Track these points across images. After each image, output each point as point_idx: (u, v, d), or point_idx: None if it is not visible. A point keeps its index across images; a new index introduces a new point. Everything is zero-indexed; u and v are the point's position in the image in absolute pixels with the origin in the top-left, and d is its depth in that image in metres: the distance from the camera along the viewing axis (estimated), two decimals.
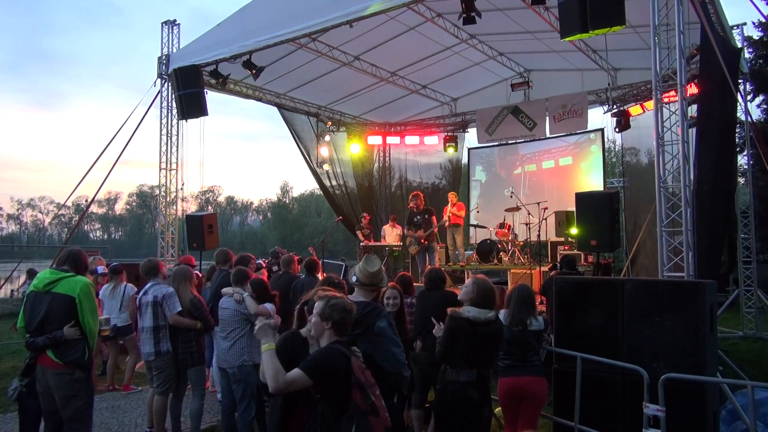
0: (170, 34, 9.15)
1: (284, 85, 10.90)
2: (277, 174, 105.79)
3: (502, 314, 3.74)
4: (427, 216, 8.50)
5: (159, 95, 9.16)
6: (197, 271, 5.53)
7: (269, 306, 4.20)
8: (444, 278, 4.46)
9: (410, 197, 8.73)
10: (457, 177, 13.23)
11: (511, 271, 9.05)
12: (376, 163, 13.60)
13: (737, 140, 8.81)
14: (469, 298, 3.33)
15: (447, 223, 9.49)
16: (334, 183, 12.41)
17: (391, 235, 10.59)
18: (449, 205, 9.58)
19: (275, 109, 11.24)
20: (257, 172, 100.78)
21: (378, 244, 10.69)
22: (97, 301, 3.53)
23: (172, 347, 4.19)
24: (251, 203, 68.24)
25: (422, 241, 8.43)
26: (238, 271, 4.35)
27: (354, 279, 2.91)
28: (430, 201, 10.64)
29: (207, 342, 4.97)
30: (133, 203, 65.44)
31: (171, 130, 9.36)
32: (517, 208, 9.98)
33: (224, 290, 4.27)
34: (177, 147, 9.37)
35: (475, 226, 10.95)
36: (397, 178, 13.68)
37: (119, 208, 66.95)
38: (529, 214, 9.47)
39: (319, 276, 5.57)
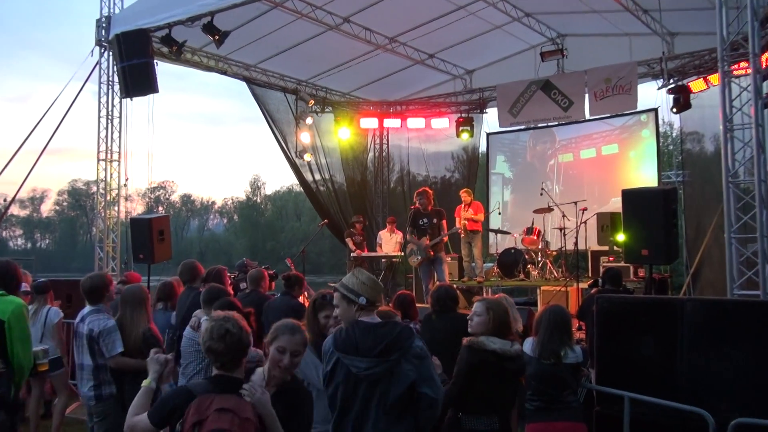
0: None
1: (255, 55, 10.89)
2: (246, 166, 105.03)
3: (530, 343, 3.73)
4: (435, 220, 8.47)
5: (97, 67, 9.12)
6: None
7: None
8: (456, 298, 4.46)
9: (416, 194, 8.69)
10: (473, 169, 13.27)
11: (542, 288, 9.07)
12: (371, 153, 13.62)
13: None
14: (485, 329, 3.30)
15: (462, 232, 9.51)
16: (317, 177, 12.43)
17: (389, 243, 10.60)
18: (462, 205, 9.61)
19: (243, 84, 11.25)
20: (221, 164, 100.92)
21: (373, 254, 10.69)
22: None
23: (118, 389, 4.15)
24: (213, 203, 68.22)
25: (429, 252, 8.41)
26: (209, 289, 4.26)
27: (362, 300, 2.87)
28: (438, 200, 10.67)
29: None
30: (65, 203, 65.27)
31: (112, 111, 9.33)
32: (549, 209, 10.00)
33: (195, 313, 4.22)
34: (120, 132, 9.36)
35: (496, 231, 10.98)
36: (397, 170, 13.68)
37: (46, 209, 66.68)
38: (564, 216, 9.49)
39: (300, 298, 5.56)
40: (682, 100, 9.81)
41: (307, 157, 12.00)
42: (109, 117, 9.44)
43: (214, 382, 2.41)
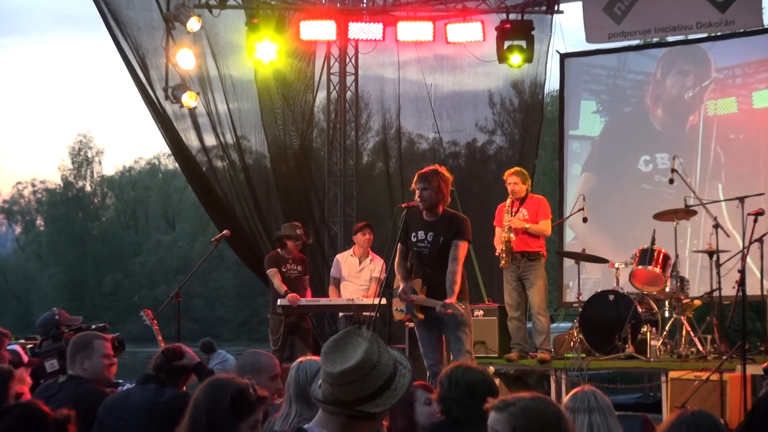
0: None
1: None
2: (63, 119, 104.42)
3: None
4: (443, 237, 8.22)
5: None
6: None
7: None
8: (493, 391, 4.48)
9: (417, 179, 8.43)
10: (533, 129, 13.36)
11: (671, 375, 9.05)
12: (323, 92, 13.72)
13: None
14: None
15: (504, 258, 9.48)
16: (211, 142, 12.55)
17: (356, 278, 10.70)
18: (508, 201, 9.60)
19: None
20: (11, 114, 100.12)
21: (322, 301, 10.74)
22: None
23: None
24: None
25: (417, 313, 8.24)
26: None
27: (317, 389, 3.08)
28: (461, 193, 10.62)
29: None
30: None
31: None
32: (689, 212, 10.03)
33: None
34: None
35: (578, 257, 10.97)
36: (376, 129, 13.85)
37: None
38: (717, 227, 9.53)
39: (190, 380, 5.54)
40: None
41: (190, 99, 11.98)
42: None
43: None
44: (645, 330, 9.57)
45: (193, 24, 11.81)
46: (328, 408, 3.05)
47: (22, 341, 6.42)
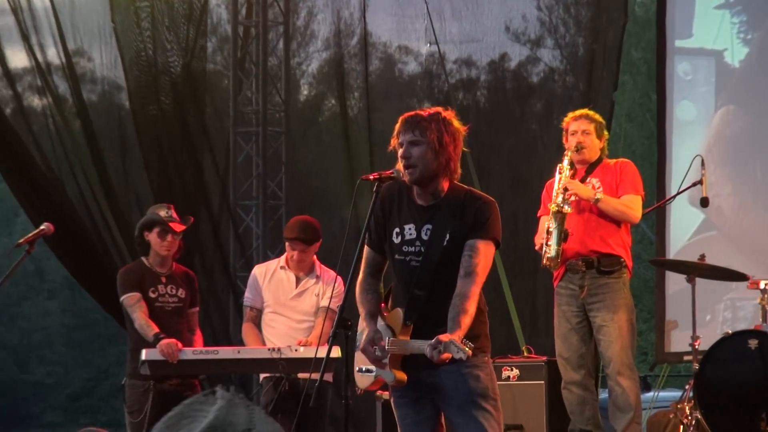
0: None
1: None
2: None
3: None
4: (453, 231, 8.02)
5: None
6: None
7: None
8: None
9: (399, 128, 8.30)
10: (609, 36, 13.38)
11: None
12: None
13: None
14: None
15: (548, 251, 9.50)
16: (21, 64, 12.73)
17: (293, 308, 10.79)
18: (564, 170, 9.67)
19: None
20: None
21: (223, 354, 10.85)
22: None
23: None
24: None
25: (395, 372, 8.08)
26: None
27: None
28: (483, 159, 10.67)
29: None
30: None
31: None
32: None
33: None
34: None
35: (690, 268, 10.90)
36: (323, 37, 13.86)
37: None
38: None
39: None
40: None
41: None
42: None
43: None
44: None
45: None
46: None
47: None
